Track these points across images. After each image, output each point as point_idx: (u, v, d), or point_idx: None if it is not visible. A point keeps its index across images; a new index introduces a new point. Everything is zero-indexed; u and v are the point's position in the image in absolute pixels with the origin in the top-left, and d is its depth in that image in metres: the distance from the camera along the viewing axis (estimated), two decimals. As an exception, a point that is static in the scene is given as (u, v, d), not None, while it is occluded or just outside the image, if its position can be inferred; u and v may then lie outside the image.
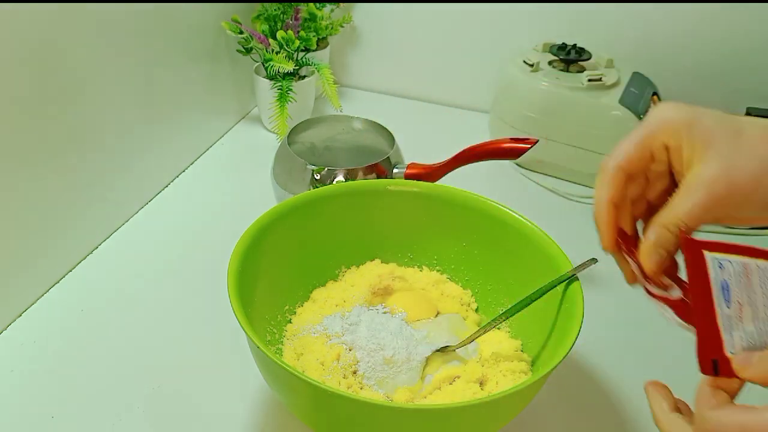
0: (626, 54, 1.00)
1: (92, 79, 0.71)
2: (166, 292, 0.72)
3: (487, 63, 1.08)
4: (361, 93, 1.18)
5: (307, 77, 1.01)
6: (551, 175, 0.97)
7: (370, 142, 0.84)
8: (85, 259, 0.75)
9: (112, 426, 0.57)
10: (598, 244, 0.65)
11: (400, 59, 1.15)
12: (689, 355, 0.73)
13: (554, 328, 0.55)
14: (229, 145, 1.00)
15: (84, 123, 0.71)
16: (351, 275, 0.67)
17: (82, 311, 0.69)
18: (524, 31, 1.05)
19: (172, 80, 0.87)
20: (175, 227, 0.82)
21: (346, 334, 0.59)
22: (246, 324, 0.48)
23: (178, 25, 0.86)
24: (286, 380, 0.49)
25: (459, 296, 0.66)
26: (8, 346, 0.64)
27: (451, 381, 0.56)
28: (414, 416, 0.47)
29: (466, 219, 0.65)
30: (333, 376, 0.56)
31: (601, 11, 1.00)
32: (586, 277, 0.77)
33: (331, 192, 0.65)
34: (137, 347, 0.65)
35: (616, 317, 0.72)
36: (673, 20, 0.97)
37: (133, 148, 0.81)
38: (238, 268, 0.54)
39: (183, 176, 0.91)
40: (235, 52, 0.99)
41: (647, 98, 0.94)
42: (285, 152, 0.78)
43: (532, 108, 0.93)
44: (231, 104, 1.04)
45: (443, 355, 0.58)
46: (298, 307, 0.64)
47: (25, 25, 0.61)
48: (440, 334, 0.60)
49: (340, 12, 1.10)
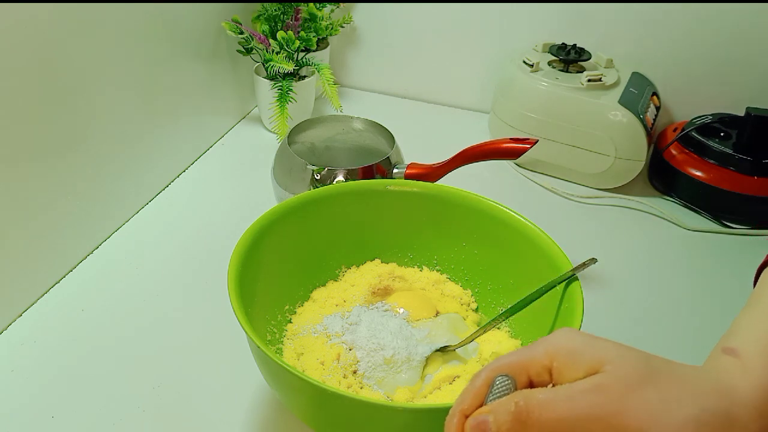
0: (626, 54, 1.00)
1: (92, 79, 0.71)
2: (166, 292, 0.72)
3: (487, 63, 1.08)
4: (361, 93, 1.19)
5: (307, 77, 1.01)
6: (551, 175, 0.97)
7: (370, 142, 0.84)
8: (85, 259, 0.75)
9: (112, 426, 0.57)
10: (598, 244, 0.66)
11: (400, 59, 1.15)
12: (689, 355, 0.73)
13: (554, 327, 0.55)
14: (229, 145, 1.00)
15: (84, 123, 0.71)
16: (351, 275, 0.67)
17: (82, 311, 0.69)
18: (524, 31, 1.05)
19: (173, 80, 0.87)
20: (175, 227, 0.82)
21: (346, 334, 0.59)
22: (246, 324, 0.48)
23: (179, 26, 0.86)
24: (286, 380, 0.49)
25: (459, 296, 0.66)
26: (8, 346, 0.64)
27: (451, 381, 0.56)
28: (414, 416, 0.47)
29: (466, 219, 0.65)
30: (333, 375, 0.56)
31: (601, 11, 1.00)
32: (586, 277, 0.77)
33: (331, 192, 0.65)
34: (137, 347, 0.65)
35: (616, 317, 0.73)
36: (673, 20, 0.97)
37: (133, 148, 0.81)
38: (238, 268, 0.54)
39: (183, 176, 0.91)
40: (235, 52, 0.99)
41: (647, 98, 0.94)
42: (285, 152, 0.78)
43: (532, 108, 0.93)
44: (231, 104, 1.04)
45: (443, 354, 0.58)
46: (298, 306, 0.64)
47: (26, 25, 0.61)
48: (440, 334, 0.60)
49: (340, 12, 1.10)
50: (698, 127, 0.90)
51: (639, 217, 0.90)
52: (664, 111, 1.02)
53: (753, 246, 0.86)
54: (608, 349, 0.36)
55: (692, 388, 0.35)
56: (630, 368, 0.35)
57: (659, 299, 0.76)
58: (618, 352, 0.35)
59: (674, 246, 0.85)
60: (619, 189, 0.94)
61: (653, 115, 0.95)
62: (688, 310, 0.75)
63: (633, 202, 0.91)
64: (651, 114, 0.94)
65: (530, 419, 0.34)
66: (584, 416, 0.33)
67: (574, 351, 0.36)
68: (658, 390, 0.34)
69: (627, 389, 0.34)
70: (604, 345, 0.36)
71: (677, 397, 0.34)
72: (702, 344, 0.71)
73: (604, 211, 0.91)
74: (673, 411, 0.34)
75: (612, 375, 0.34)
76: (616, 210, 0.91)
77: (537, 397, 0.34)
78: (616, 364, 0.35)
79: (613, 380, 0.34)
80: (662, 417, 0.33)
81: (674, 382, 0.35)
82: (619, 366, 0.35)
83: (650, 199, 0.92)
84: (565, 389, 0.35)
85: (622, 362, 0.35)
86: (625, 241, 0.85)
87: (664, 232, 0.87)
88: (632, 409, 0.33)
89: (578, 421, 0.33)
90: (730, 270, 0.82)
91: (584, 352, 0.36)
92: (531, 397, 0.35)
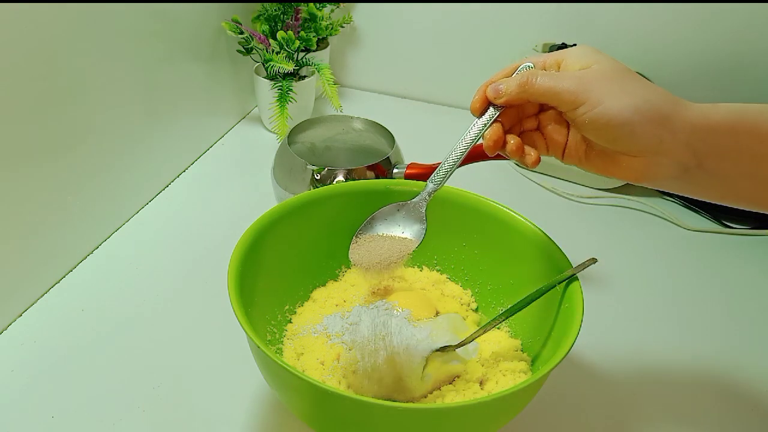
0: (626, 54, 1.00)
1: (92, 79, 0.71)
2: (166, 292, 0.72)
3: (487, 63, 1.08)
4: (361, 93, 1.19)
5: (307, 77, 1.01)
6: (551, 175, 0.97)
7: (370, 142, 0.84)
8: (85, 259, 0.75)
9: (112, 426, 0.57)
10: (598, 244, 0.66)
11: (401, 59, 1.15)
12: (689, 354, 0.73)
13: (554, 328, 0.55)
14: (229, 145, 1.00)
15: (84, 123, 0.71)
16: (351, 275, 0.67)
17: (82, 311, 0.69)
18: (524, 31, 1.05)
19: (173, 80, 0.87)
20: (175, 227, 0.82)
21: (346, 334, 0.59)
22: (246, 324, 0.48)
23: (179, 26, 0.86)
24: (286, 380, 0.49)
25: (459, 296, 0.66)
26: (8, 346, 0.64)
27: (451, 381, 0.56)
28: (414, 416, 0.47)
29: (466, 219, 0.65)
30: (333, 375, 0.56)
31: (601, 11, 1.00)
32: (586, 277, 0.77)
33: (331, 192, 0.65)
34: (137, 347, 0.65)
35: (616, 317, 0.73)
36: (673, 20, 0.97)
37: (133, 148, 0.81)
38: (238, 268, 0.54)
39: (183, 176, 0.91)
40: (235, 52, 0.99)
41: (647, 98, 0.94)
42: (285, 152, 0.78)
43: (532, 108, 0.93)
44: (231, 104, 1.04)
45: (443, 354, 0.58)
46: (298, 306, 0.64)
47: (26, 25, 0.61)
48: (440, 334, 0.60)
49: (340, 12, 1.10)
50: (698, 127, 0.90)
51: (639, 217, 0.90)
52: (664, 111, 1.02)
53: (753, 246, 0.86)
54: (599, 55, 0.48)
55: (649, 88, 0.46)
56: (608, 67, 0.47)
57: (659, 299, 0.76)
58: (606, 58, 0.48)
59: (674, 246, 0.85)
60: (619, 189, 0.94)
61: (653, 115, 0.94)
62: (688, 309, 0.75)
63: (633, 202, 0.91)
64: (651, 114, 0.93)
65: (528, 86, 0.47)
66: (563, 89, 0.46)
67: (578, 53, 0.49)
68: (621, 84, 0.46)
69: (599, 79, 0.46)
70: (600, 55, 0.48)
71: (632, 90, 0.46)
72: (702, 344, 0.71)
73: (604, 211, 0.91)
74: (624, 96, 0.45)
75: (593, 70, 0.47)
76: (616, 210, 0.91)
77: (539, 73, 0.48)
78: (602, 63, 0.47)
79: (592, 73, 0.47)
80: (614, 98, 0.45)
81: (638, 82, 0.47)
82: (602, 65, 0.47)
83: (650, 199, 0.92)
84: (560, 73, 0.48)
85: (605, 63, 0.47)
86: (625, 241, 0.85)
87: (664, 232, 0.87)
88: (596, 90, 0.45)
89: (559, 93, 0.46)
90: (730, 270, 0.82)
91: (584, 55, 0.48)
92: (534, 73, 0.48)
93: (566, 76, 0.47)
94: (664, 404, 0.63)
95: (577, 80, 0.46)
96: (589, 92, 0.45)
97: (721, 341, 0.71)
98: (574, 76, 0.47)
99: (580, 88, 0.46)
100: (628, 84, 0.46)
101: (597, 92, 0.45)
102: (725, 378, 0.67)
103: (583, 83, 0.46)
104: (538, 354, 0.57)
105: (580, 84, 0.46)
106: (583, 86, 0.46)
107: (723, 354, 0.69)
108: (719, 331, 0.73)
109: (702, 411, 0.63)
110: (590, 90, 0.45)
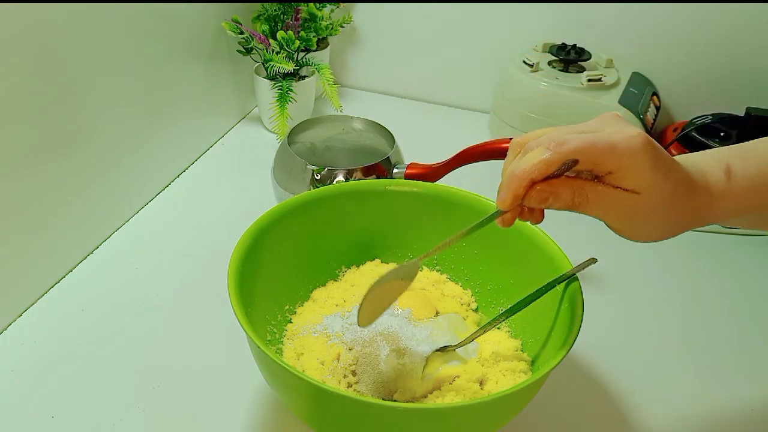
0: (626, 54, 1.00)
1: (92, 79, 0.71)
2: (166, 292, 0.72)
3: (487, 63, 1.08)
4: (361, 93, 1.19)
5: (307, 77, 1.01)
6: (551, 175, 0.96)
7: (370, 142, 0.84)
8: (85, 259, 0.75)
9: (112, 426, 0.57)
10: (598, 244, 0.66)
11: (401, 59, 1.15)
12: (689, 354, 0.73)
13: (554, 328, 0.55)
14: (229, 145, 1.00)
15: (84, 123, 0.71)
16: (351, 275, 0.67)
17: (82, 311, 0.69)
18: (524, 31, 1.05)
19: (173, 80, 0.87)
20: (176, 227, 0.82)
21: (346, 334, 0.59)
22: (246, 324, 0.48)
23: (179, 26, 0.86)
24: (286, 380, 0.49)
25: (459, 296, 0.66)
26: (8, 346, 0.64)
27: (451, 381, 0.56)
28: (414, 416, 0.47)
29: (466, 219, 0.64)
30: (333, 375, 0.56)
31: (601, 11, 1.00)
32: (586, 277, 0.77)
33: (331, 192, 0.65)
34: (137, 347, 0.65)
35: (616, 317, 0.73)
36: (673, 20, 0.97)
37: (133, 148, 0.81)
38: (238, 268, 0.54)
39: (183, 176, 0.91)
40: (235, 52, 0.99)
41: (647, 98, 0.94)
42: (285, 152, 0.78)
43: (532, 108, 0.93)
44: (231, 104, 1.04)
45: (443, 354, 0.58)
46: (298, 306, 0.64)
47: (26, 25, 0.61)
48: (440, 334, 0.60)
49: (340, 12, 1.10)
50: (698, 127, 0.90)
51: (639, 217, 0.90)
52: (664, 111, 1.02)
53: (753, 246, 0.86)
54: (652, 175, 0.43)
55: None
56: (659, 197, 0.44)
57: (659, 299, 0.76)
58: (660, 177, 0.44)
59: (674, 246, 0.85)
60: (619, 189, 0.93)
61: (653, 115, 0.95)
62: (688, 310, 0.75)
63: (633, 202, 0.91)
64: (651, 114, 0.94)
65: (579, 209, 0.45)
66: (613, 226, 0.48)
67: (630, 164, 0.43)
68: (664, 213, 0.45)
69: (648, 215, 0.45)
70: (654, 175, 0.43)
71: (676, 219, 0.46)
72: (702, 344, 0.71)
73: (604, 211, 0.91)
74: (664, 229, 0.47)
75: (643, 203, 0.44)
76: (616, 210, 0.91)
77: (589, 200, 0.45)
78: (653, 189, 0.44)
79: (640, 206, 0.45)
80: (653, 231, 0.46)
81: (683, 205, 0.45)
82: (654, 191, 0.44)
83: (650, 199, 0.92)
84: (611, 203, 0.45)
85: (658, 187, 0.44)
86: (625, 241, 0.85)
87: (664, 232, 0.87)
88: (642, 226, 0.46)
89: (611, 226, 0.48)
90: (731, 270, 0.82)
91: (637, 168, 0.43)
92: (585, 199, 0.45)
93: (617, 208, 0.45)
94: (664, 404, 0.63)
95: (628, 220, 0.46)
96: (633, 228, 0.47)
97: (721, 341, 0.71)
98: (624, 213, 0.46)
99: (627, 221, 0.46)
100: (671, 211, 0.46)
101: (641, 229, 0.47)
102: (725, 378, 0.67)
103: (631, 218, 0.46)
104: (538, 354, 0.57)
105: (627, 218, 0.46)
106: (630, 220, 0.46)
107: (723, 354, 0.69)
108: (720, 331, 0.73)
109: (702, 411, 0.63)
110: (635, 226, 0.47)
